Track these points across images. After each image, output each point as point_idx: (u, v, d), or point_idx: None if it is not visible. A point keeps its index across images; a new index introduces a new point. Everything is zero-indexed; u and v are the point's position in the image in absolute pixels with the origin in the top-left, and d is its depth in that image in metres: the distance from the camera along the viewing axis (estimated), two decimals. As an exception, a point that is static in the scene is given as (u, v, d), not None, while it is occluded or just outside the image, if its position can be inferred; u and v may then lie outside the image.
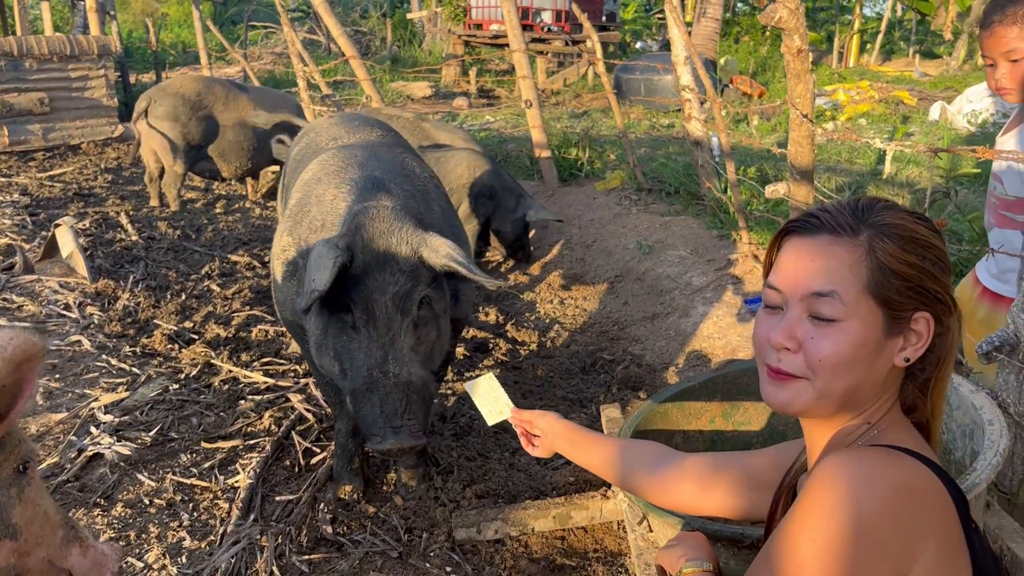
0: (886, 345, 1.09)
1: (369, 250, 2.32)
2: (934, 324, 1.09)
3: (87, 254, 5.28)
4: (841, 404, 1.12)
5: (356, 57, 8.04)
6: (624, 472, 1.57)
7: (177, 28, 25.30)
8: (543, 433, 1.68)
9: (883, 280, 1.07)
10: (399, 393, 2.27)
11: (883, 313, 1.08)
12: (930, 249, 1.09)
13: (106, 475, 2.94)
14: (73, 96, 9.80)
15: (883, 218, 1.10)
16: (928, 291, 1.08)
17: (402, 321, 2.32)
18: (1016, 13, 2.11)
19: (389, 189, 2.60)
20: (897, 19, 23.60)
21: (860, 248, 1.08)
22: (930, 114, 9.83)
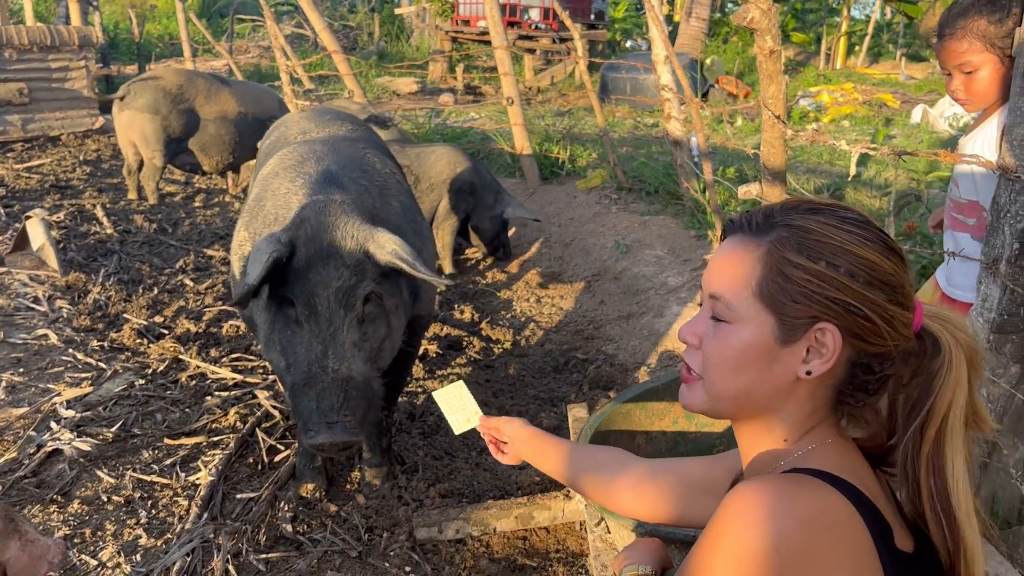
0: (782, 353, 1.03)
1: (312, 244, 2.28)
2: (840, 338, 1.01)
3: (59, 247, 5.23)
4: (736, 409, 1.08)
5: (339, 52, 8.00)
6: (577, 478, 1.54)
7: (165, 20, 25.11)
8: (510, 440, 1.64)
9: (776, 285, 1.02)
10: (337, 389, 2.22)
11: (775, 319, 1.03)
12: (848, 257, 1.00)
13: (64, 471, 2.90)
14: (53, 87, 9.71)
15: (795, 220, 1.04)
16: (834, 301, 1.00)
17: (345, 316, 2.27)
18: (966, 27, 2.13)
19: (342, 184, 2.57)
20: (885, 22, 23.70)
21: (760, 250, 1.04)
22: (912, 117, 9.87)
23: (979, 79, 2.16)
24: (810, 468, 1.01)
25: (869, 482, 1.04)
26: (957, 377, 1.01)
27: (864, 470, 1.06)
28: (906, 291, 1.03)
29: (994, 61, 2.12)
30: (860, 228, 1.03)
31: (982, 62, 2.14)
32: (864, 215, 1.07)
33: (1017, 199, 1.99)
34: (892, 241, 1.05)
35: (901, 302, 1.02)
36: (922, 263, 3.54)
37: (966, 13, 2.14)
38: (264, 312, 2.40)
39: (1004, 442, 2.20)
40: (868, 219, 1.06)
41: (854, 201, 5.94)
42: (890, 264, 1.02)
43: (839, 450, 1.06)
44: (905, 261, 1.05)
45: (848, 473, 1.02)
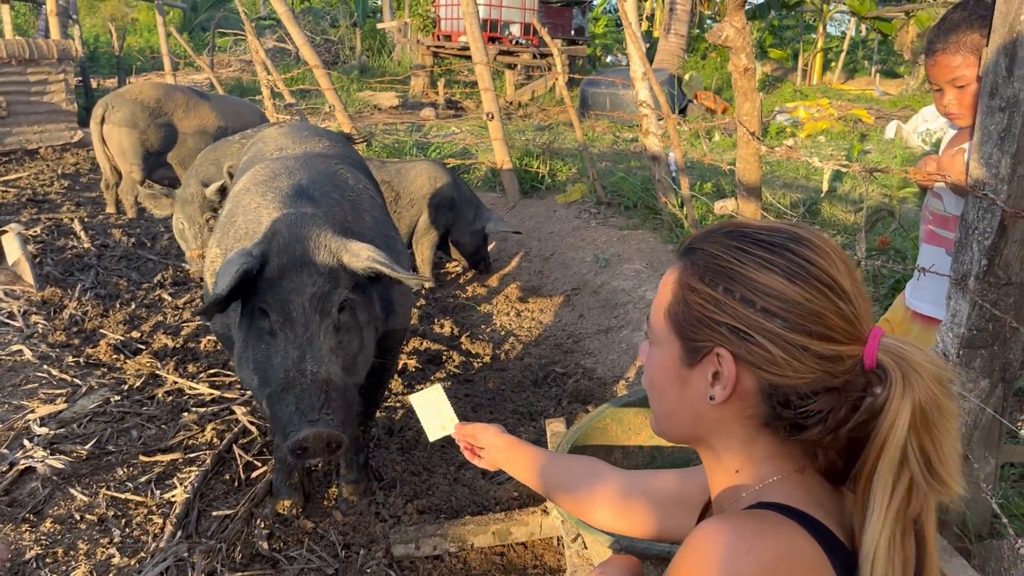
0: (689, 377, 1.04)
1: (285, 254, 2.25)
2: (733, 365, 0.99)
3: (35, 261, 5.18)
4: (678, 434, 1.10)
5: (320, 66, 8.01)
6: (553, 489, 1.54)
7: (146, 33, 25.04)
8: (486, 447, 1.65)
9: (679, 308, 1.04)
10: (317, 390, 2.18)
11: (679, 342, 1.04)
12: (745, 283, 0.98)
13: (37, 489, 2.87)
14: (32, 100, 9.64)
15: (707, 245, 1.04)
16: (725, 327, 0.99)
17: (321, 322, 2.24)
18: (959, 41, 2.15)
19: (313, 197, 2.56)
20: (860, 38, 24.05)
21: (674, 274, 1.06)
22: (886, 132, 10.01)
23: (972, 92, 2.17)
24: (774, 503, 0.99)
25: (836, 514, 1.00)
26: (892, 421, 0.93)
27: (830, 502, 1.02)
28: (828, 321, 0.97)
29: None
30: (771, 253, 0.99)
31: (976, 76, 2.15)
32: (803, 238, 1.01)
33: (984, 216, 2.03)
34: (821, 269, 0.98)
35: (818, 333, 0.96)
36: (895, 278, 3.58)
37: (958, 28, 2.17)
38: (237, 330, 2.39)
39: (975, 456, 2.22)
40: (797, 244, 1.00)
41: (829, 216, 6.01)
42: (801, 293, 0.97)
43: (803, 482, 1.02)
44: (838, 292, 0.98)
45: (813, 506, 0.99)
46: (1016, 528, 2.30)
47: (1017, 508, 2.46)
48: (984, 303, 2.06)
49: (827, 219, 5.99)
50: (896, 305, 2.66)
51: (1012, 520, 2.35)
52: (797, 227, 1.05)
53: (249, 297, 2.29)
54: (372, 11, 25.18)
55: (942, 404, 0.94)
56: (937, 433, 0.93)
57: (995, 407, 2.18)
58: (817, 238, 1.02)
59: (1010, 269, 2.04)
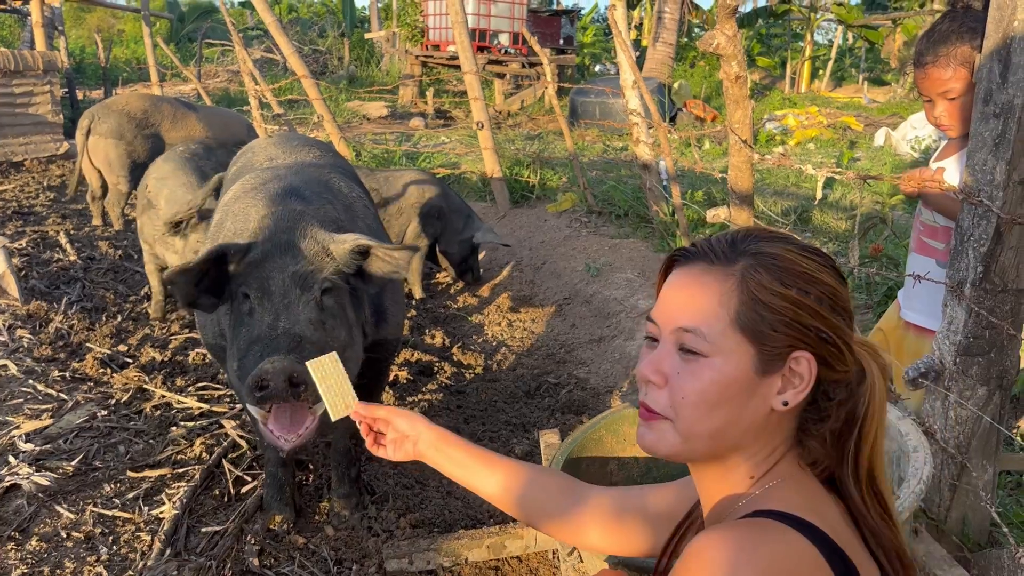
0: (759, 385, 1.00)
1: (271, 240, 2.21)
2: (816, 366, 1.00)
3: (21, 274, 5.12)
4: (710, 449, 1.04)
5: (308, 76, 7.97)
6: (527, 507, 1.43)
7: (133, 44, 24.98)
8: (405, 436, 1.46)
9: (754, 313, 0.99)
10: (287, 339, 2.04)
11: (755, 349, 1.00)
12: (815, 284, 1.00)
13: (23, 507, 2.81)
14: (17, 112, 9.57)
15: (762, 247, 1.02)
16: (808, 328, 0.99)
17: (301, 295, 2.16)
18: (949, 54, 2.14)
19: (304, 196, 2.51)
20: (848, 47, 24.23)
21: (732, 278, 1.01)
22: (875, 140, 10.06)
23: (964, 104, 2.16)
24: (772, 510, 0.98)
25: (831, 517, 1.01)
26: (881, 401, 1.04)
27: (826, 504, 1.03)
28: (853, 319, 1.07)
29: None
30: (818, 255, 1.05)
31: (967, 88, 2.14)
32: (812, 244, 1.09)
33: (979, 223, 2.02)
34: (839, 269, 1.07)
35: (853, 328, 1.05)
36: (888, 285, 3.58)
37: (947, 40, 2.15)
38: (228, 330, 2.33)
39: (973, 464, 2.21)
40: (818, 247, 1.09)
41: (821, 223, 6.02)
42: (844, 291, 1.04)
43: (799, 486, 1.03)
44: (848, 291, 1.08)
45: (810, 511, 0.99)
46: (1015, 537, 2.28)
47: (1016, 516, 2.45)
48: (980, 310, 2.05)
49: (819, 226, 6.00)
50: (889, 313, 2.65)
51: (1011, 529, 2.34)
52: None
53: (236, 289, 2.24)
54: (360, 21, 25.21)
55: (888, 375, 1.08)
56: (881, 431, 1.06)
57: (992, 415, 2.17)
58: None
59: (1006, 276, 2.03)
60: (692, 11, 19.28)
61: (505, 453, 3.29)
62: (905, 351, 2.45)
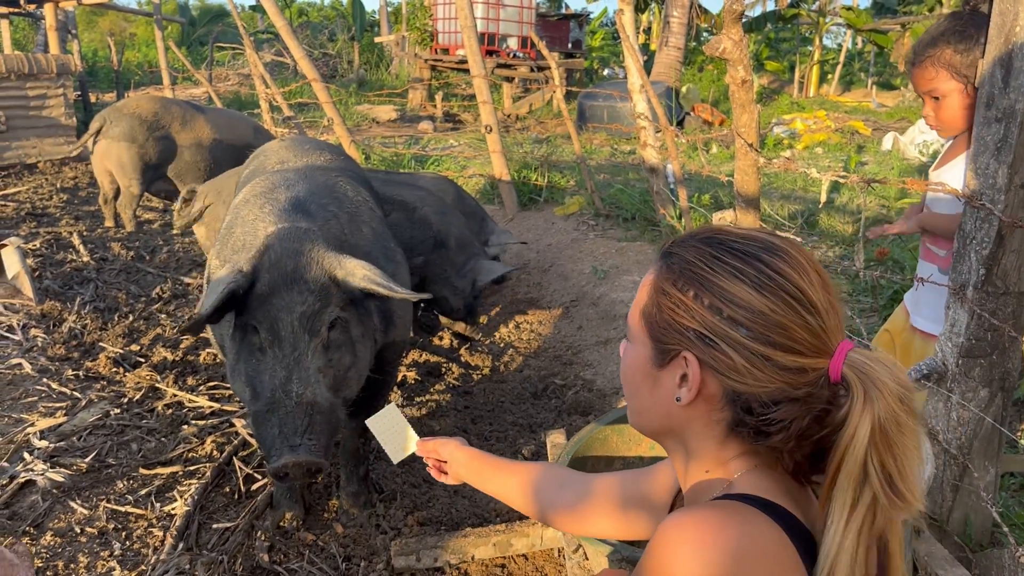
0: (660, 377, 1.07)
1: (276, 270, 2.26)
2: (698, 369, 1.01)
3: (35, 275, 5.19)
4: (651, 429, 1.13)
5: (318, 80, 8.04)
6: (539, 503, 1.51)
7: (145, 48, 25.17)
8: (448, 461, 1.63)
9: (653, 309, 1.07)
10: (301, 413, 2.18)
11: (651, 342, 1.08)
12: (715, 290, 1.00)
13: (37, 503, 2.86)
14: (31, 115, 9.67)
15: (682, 250, 1.07)
16: (688, 331, 1.02)
17: (309, 341, 2.25)
18: (934, 56, 2.19)
19: (309, 211, 2.56)
20: (857, 51, 24.19)
21: (651, 276, 1.10)
22: (883, 144, 10.06)
23: (946, 106, 2.22)
24: (742, 494, 1.01)
25: (804, 506, 1.03)
26: (852, 435, 0.95)
27: (798, 493, 1.04)
28: (794, 334, 0.98)
29: (960, 89, 2.18)
30: (743, 263, 1.01)
31: (949, 90, 2.20)
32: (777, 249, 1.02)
33: (982, 226, 2.04)
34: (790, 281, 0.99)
35: (781, 344, 0.98)
36: (893, 288, 3.60)
37: (935, 43, 2.21)
38: (231, 342, 2.39)
39: (975, 465, 2.23)
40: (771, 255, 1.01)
41: (827, 227, 6.03)
42: (767, 304, 0.98)
43: (771, 475, 1.04)
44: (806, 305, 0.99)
45: (780, 495, 1.01)
46: (1016, 537, 2.30)
47: (1018, 517, 2.46)
48: (983, 312, 2.07)
49: (825, 230, 6.01)
50: (896, 315, 2.68)
51: (1012, 529, 2.36)
52: (774, 236, 1.06)
53: (241, 311, 2.30)
54: (370, 25, 25.32)
55: (902, 422, 0.95)
56: (898, 451, 0.94)
57: (994, 416, 2.19)
58: (793, 248, 1.03)
59: (1008, 278, 2.05)
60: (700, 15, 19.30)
61: (512, 453, 3.34)
62: (913, 354, 2.47)
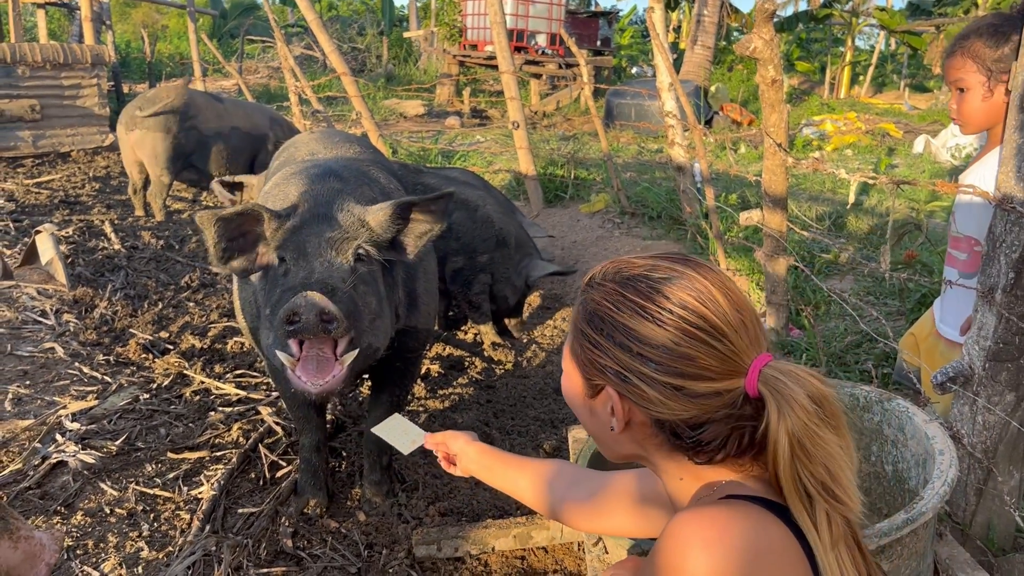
0: (594, 405, 1.12)
1: (309, 210, 2.28)
2: (619, 400, 1.07)
3: (68, 261, 5.28)
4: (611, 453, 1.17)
5: (347, 74, 8.09)
6: (555, 502, 1.52)
7: (176, 40, 25.42)
8: (458, 455, 1.66)
9: (575, 347, 1.13)
10: (319, 285, 2.10)
11: (580, 374, 1.13)
12: (621, 330, 1.05)
13: (68, 483, 2.92)
14: (65, 104, 9.82)
15: (591, 291, 1.12)
16: (608, 369, 1.07)
17: (336, 256, 2.22)
18: (964, 46, 2.20)
19: (343, 177, 2.56)
20: (889, 52, 23.90)
21: (575, 311, 1.15)
22: (914, 147, 9.94)
23: (968, 100, 2.23)
24: (747, 494, 1.03)
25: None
26: (774, 449, 0.99)
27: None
28: (700, 362, 1.01)
29: (982, 83, 2.18)
30: (645, 299, 1.04)
31: (973, 83, 2.20)
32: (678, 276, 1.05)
33: (1012, 229, 2.03)
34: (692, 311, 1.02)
35: (690, 374, 1.01)
36: (921, 292, 3.57)
37: (968, 35, 2.23)
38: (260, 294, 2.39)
39: (999, 469, 2.22)
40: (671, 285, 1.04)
41: (854, 229, 5.99)
42: (670, 337, 1.01)
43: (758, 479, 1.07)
44: (710, 332, 1.01)
45: (775, 495, 1.03)
46: (1041, 544, 2.28)
47: (1042, 523, 2.44)
48: (1011, 316, 2.06)
49: (853, 231, 5.97)
50: (924, 320, 2.66)
51: (1037, 535, 2.34)
52: (677, 263, 1.07)
53: (272, 254, 2.30)
54: (399, 20, 25.40)
55: (817, 433, 0.97)
56: (820, 458, 0.97)
57: (1020, 421, 2.18)
58: (697, 271, 1.05)
59: (1037, 283, 2.03)
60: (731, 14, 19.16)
61: (533, 448, 3.36)
62: (937, 359, 2.46)
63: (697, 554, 0.94)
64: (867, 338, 3.76)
